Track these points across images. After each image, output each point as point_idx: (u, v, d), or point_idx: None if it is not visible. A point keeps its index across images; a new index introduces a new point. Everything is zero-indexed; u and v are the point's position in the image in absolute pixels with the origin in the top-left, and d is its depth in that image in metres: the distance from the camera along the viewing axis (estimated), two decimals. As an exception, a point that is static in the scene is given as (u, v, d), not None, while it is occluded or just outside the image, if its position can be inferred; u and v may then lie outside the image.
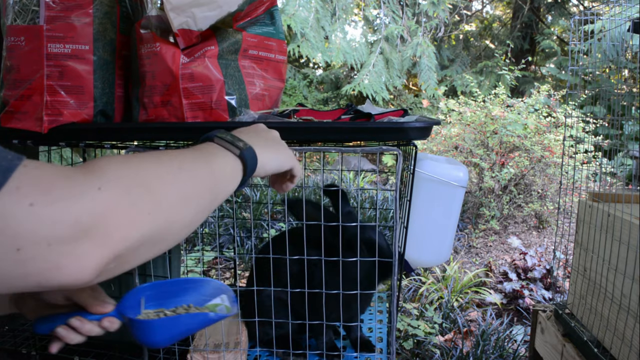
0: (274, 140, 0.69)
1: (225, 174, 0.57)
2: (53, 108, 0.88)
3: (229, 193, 0.58)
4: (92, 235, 0.38)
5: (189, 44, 0.88)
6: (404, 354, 2.15)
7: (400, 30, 5.86)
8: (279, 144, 0.69)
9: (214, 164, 0.56)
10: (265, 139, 0.67)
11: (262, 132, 0.69)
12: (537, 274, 2.95)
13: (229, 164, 0.58)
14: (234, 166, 0.58)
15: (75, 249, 0.37)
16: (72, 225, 0.37)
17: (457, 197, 1.13)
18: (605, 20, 1.65)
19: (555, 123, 4.20)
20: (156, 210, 0.44)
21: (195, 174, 0.51)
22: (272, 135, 0.69)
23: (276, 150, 0.67)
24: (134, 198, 0.42)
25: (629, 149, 3.74)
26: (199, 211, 0.52)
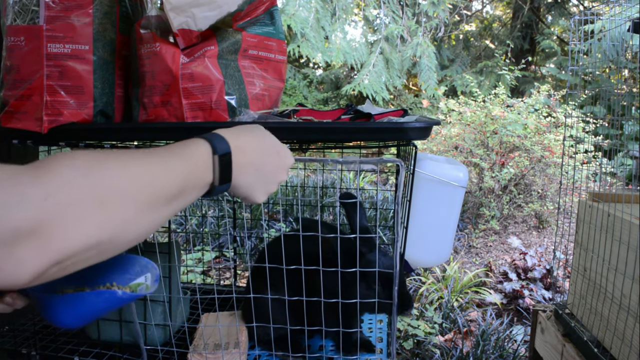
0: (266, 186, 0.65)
1: (196, 186, 0.55)
2: (53, 108, 0.88)
3: (196, 196, 0.56)
4: (32, 241, 0.38)
5: (188, 44, 0.88)
6: (404, 354, 2.15)
7: (400, 30, 5.86)
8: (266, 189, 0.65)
9: (190, 179, 0.53)
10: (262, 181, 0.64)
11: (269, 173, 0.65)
12: (537, 274, 2.95)
13: (205, 181, 0.56)
14: (207, 183, 0.56)
15: (14, 253, 0.37)
16: (13, 229, 0.37)
17: (457, 197, 1.13)
18: (605, 20, 1.65)
19: (555, 123, 4.20)
20: (106, 221, 0.43)
21: (164, 185, 0.49)
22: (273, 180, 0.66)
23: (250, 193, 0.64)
24: (83, 210, 0.41)
25: (629, 149, 3.74)
26: (157, 220, 0.50)
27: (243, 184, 0.62)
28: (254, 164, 0.62)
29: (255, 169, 0.62)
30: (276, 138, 0.68)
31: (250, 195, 0.64)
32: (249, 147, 0.62)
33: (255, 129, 0.67)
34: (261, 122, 0.85)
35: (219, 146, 0.57)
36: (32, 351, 1.04)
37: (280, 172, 0.67)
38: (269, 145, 0.66)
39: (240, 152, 0.59)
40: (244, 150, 0.60)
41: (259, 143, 0.64)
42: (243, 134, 0.62)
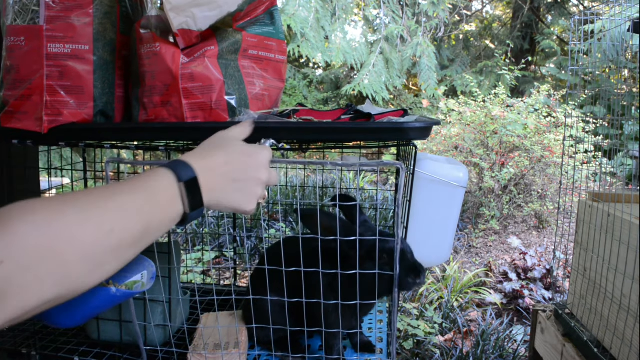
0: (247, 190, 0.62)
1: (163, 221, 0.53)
2: (53, 108, 0.88)
3: (167, 229, 0.54)
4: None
5: (188, 44, 0.88)
6: (404, 354, 2.15)
7: (400, 30, 5.86)
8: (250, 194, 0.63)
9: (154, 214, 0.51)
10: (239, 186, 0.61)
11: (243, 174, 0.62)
12: (537, 274, 2.95)
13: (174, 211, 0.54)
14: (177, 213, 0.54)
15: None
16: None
17: (457, 197, 1.13)
18: (605, 20, 1.65)
19: (555, 123, 4.20)
20: (66, 277, 0.42)
21: (125, 229, 0.48)
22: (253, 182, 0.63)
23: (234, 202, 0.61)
24: (41, 270, 0.40)
25: (629, 149, 3.74)
26: (123, 260, 0.49)
27: (224, 200, 0.60)
28: (226, 177, 0.60)
29: (230, 181, 0.60)
30: (241, 141, 0.66)
31: (236, 207, 0.62)
32: (215, 162, 0.59)
33: (217, 140, 0.65)
34: (261, 122, 0.85)
35: (182, 173, 0.54)
36: (32, 351, 1.04)
37: (259, 172, 0.64)
38: (237, 151, 0.63)
39: (208, 171, 0.57)
40: (212, 168, 0.58)
41: (226, 154, 0.62)
42: (207, 151, 0.61)
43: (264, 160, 0.65)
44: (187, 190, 0.54)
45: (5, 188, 1.22)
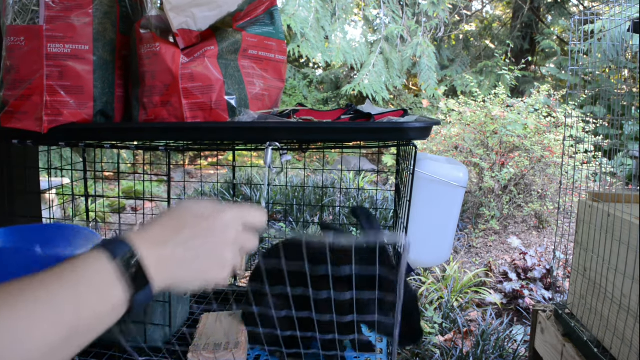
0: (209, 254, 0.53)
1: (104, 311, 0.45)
2: (53, 108, 0.88)
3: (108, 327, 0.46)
4: None
5: (188, 44, 0.88)
6: (404, 354, 2.15)
7: (400, 30, 5.86)
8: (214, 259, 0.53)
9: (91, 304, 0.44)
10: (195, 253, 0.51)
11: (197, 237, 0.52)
12: (537, 274, 2.95)
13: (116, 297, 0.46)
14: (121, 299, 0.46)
15: None
16: None
17: (457, 197, 1.13)
18: (605, 20, 1.65)
19: (555, 123, 4.20)
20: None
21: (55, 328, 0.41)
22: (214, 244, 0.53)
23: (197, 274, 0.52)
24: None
25: (629, 149, 3.74)
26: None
27: (183, 273, 0.51)
28: (179, 245, 0.51)
29: (184, 248, 0.51)
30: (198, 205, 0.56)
31: (203, 278, 0.53)
32: (161, 231, 0.51)
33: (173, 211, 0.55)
34: (261, 122, 0.85)
35: (116, 249, 0.47)
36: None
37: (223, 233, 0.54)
38: (188, 215, 0.53)
39: (151, 242, 0.50)
40: (156, 237, 0.50)
41: (175, 220, 0.53)
42: (151, 224, 0.52)
43: (228, 219, 0.55)
44: (125, 268, 0.46)
45: (5, 188, 1.22)
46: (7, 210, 1.25)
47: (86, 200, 1.36)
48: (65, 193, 1.29)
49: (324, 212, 3.86)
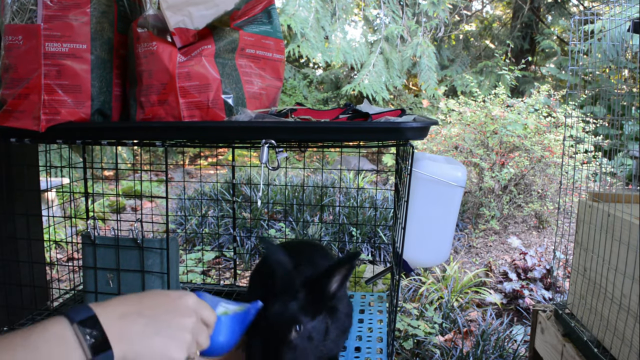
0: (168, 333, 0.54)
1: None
2: (50, 107, 0.88)
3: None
4: None
5: (185, 43, 0.88)
6: (404, 354, 2.15)
7: (400, 30, 5.86)
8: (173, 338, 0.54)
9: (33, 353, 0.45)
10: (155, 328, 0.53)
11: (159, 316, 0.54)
12: (537, 274, 2.94)
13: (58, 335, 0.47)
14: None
15: None
16: None
17: (456, 197, 1.12)
18: (605, 20, 1.65)
19: (555, 123, 4.19)
20: None
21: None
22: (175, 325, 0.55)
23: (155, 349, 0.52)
24: None
25: (629, 149, 3.73)
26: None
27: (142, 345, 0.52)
28: (140, 317, 0.53)
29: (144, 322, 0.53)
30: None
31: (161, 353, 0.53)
32: (123, 303, 0.54)
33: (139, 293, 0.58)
34: (257, 121, 0.85)
35: (76, 314, 0.49)
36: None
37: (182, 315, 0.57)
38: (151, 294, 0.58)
39: (112, 312, 0.51)
40: (118, 308, 0.52)
41: (138, 297, 0.56)
42: (119, 299, 0.55)
43: (189, 305, 0.58)
44: (84, 333, 0.47)
45: (4, 187, 1.21)
46: (6, 208, 1.24)
47: (86, 200, 1.36)
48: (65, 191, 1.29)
49: (324, 212, 3.86)
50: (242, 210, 3.86)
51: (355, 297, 1.37)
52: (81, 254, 1.11)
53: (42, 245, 1.39)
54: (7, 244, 1.25)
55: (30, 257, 1.24)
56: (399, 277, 1.02)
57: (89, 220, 1.11)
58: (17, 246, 1.25)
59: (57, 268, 2.42)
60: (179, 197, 3.80)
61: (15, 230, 1.26)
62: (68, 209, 2.95)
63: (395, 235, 1.10)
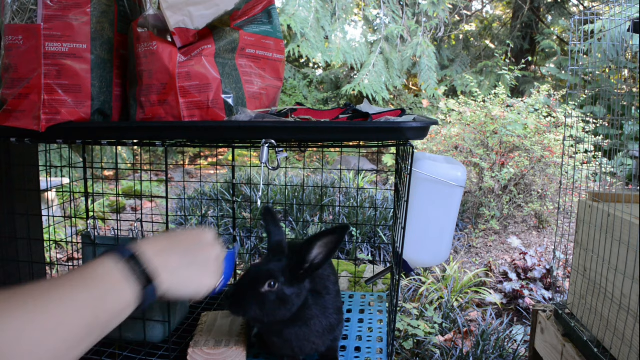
0: (198, 263, 0.62)
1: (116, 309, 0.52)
2: (50, 107, 0.88)
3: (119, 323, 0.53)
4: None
5: (185, 43, 0.88)
6: (404, 354, 2.15)
7: (400, 30, 5.86)
8: (205, 266, 0.63)
9: (105, 301, 0.51)
10: (187, 260, 0.60)
11: (185, 249, 0.62)
12: (537, 274, 2.95)
13: (126, 297, 0.53)
14: (130, 299, 0.53)
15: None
16: None
17: (456, 196, 1.12)
18: (605, 20, 1.65)
19: (555, 123, 4.19)
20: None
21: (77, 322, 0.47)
22: (199, 254, 0.63)
23: (192, 278, 0.61)
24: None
25: (629, 149, 3.73)
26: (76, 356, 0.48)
27: (181, 277, 0.59)
28: (176, 252, 0.60)
29: (180, 255, 0.60)
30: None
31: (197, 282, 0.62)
32: (160, 241, 0.60)
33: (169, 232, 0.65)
34: (257, 121, 0.85)
35: (123, 252, 0.55)
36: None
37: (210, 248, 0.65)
38: (179, 232, 0.65)
39: (153, 248, 0.58)
40: (156, 245, 0.59)
41: (169, 235, 0.63)
42: (155, 237, 0.62)
43: (210, 238, 0.67)
44: (132, 268, 0.54)
45: (4, 187, 1.21)
46: (6, 208, 1.24)
47: (86, 200, 1.36)
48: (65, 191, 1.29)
49: (324, 212, 3.86)
50: (242, 210, 3.87)
51: (355, 297, 1.37)
52: (81, 254, 1.11)
53: (42, 245, 1.39)
54: (7, 244, 1.25)
55: (30, 257, 1.24)
56: (399, 277, 1.02)
57: (89, 220, 1.11)
58: (17, 246, 1.25)
59: (57, 268, 2.42)
60: (179, 197, 3.80)
61: (15, 230, 1.26)
62: (68, 209, 2.95)
63: (395, 235, 1.10)
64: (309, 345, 0.91)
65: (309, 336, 0.89)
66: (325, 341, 0.93)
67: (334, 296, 0.96)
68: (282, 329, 0.88)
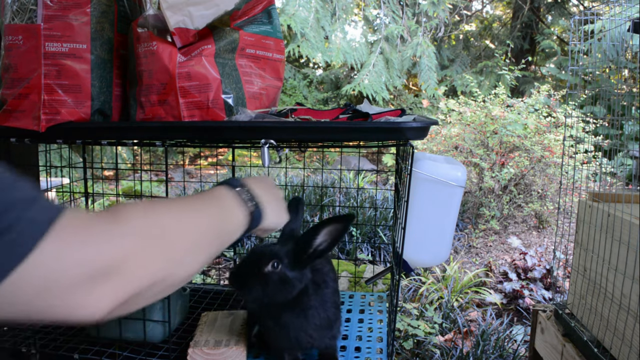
0: (279, 201, 0.75)
1: (232, 228, 0.63)
2: (50, 107, 0.88)
3: (231, 242, 0.62)
4: (111, 277, 0.42)
5: (185, 43, 0.88)
6: (404, 354, 2.15)
7: (400, 30, 5.86)
8: (282, 204, 0.76)
9: (225, 218, 0.62)
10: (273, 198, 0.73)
11: (271, 189, 0.74)
12: (537, 274, 2.95)
13: (239, 218, 0.64)
14: (241, 221, 0.64)
15: (94, 290, 0.41)
16: (100, 266, 0.42)
17: (456, 196, 1.12)
18: (605, 20, 1.65)
19: (555, 123, 4.19)
20: (169, 259, 0.49)
21: (207, 228, 0.57)
22: (279, 195, 0.76)
23: (278, 212, 0.73)
24: (151, 248, 0.47)
25: (629, 149, 3.73)
26: (205, 258, 0.56)
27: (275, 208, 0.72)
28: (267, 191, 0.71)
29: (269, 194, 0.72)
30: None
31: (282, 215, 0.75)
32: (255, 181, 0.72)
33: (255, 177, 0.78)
34: (257, 121, 0.85)
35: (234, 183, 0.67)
36: (31, 350, 1.04)
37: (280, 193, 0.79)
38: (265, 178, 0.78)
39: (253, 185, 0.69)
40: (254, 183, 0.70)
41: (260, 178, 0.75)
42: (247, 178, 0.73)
43: (274, 181, 0.81)
44: (242, 195, 0.66)
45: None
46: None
47: (86, 200, 1.36)
48: (65, 191, 1.29)
49: (324, 212, 3.86)
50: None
51: (355, 297, 1.37)
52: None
53: (42, 245, 1.39)
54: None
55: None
56: (399, 277, 1.02)
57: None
58: (17, 246, 1.25)
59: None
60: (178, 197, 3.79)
61: (15, 230, 1.26)
62: (68, 209, 2.95)
63: (395, 235, 1.10)
64: (305, 338, 0.91)
65: (306, 327, 0.90)
66: (323, 337, 0.93)
67: (332, 291, 0.96)
68: (280, 313, 0.89)
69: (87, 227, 0.43)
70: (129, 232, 0.46)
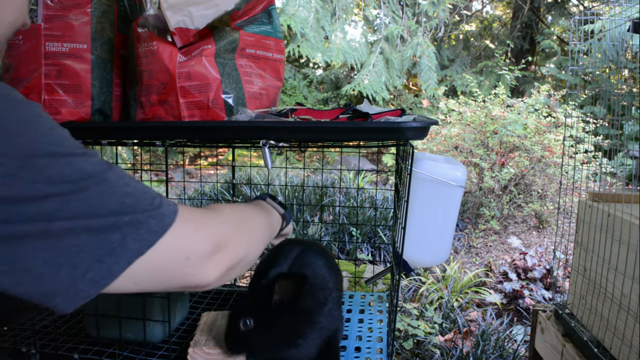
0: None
1: (274, 225, 0.82)
2: (51, 107, 0.88)
3: (272, 238, 0.83)
4: (220, 251, 0.57)
5: (186, 43, 0.88)
6: (404, 354, 2.15)
7: (400, 30, 5.86)
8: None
9: (271, 218, 0.82)
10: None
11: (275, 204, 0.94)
12: (537, 274, 2.95)
13: (278, 219, 0.84)
14: (279, 220, 0.85)
15: (212, 260, 0.56)
16: (214, 244, 0.56)
17: (456, 196, 1.12)
18: (605, 20, 1.65)
19: (555, 123, 4.19)
20: (249, 240, 0.66)
21: (265, 223, 0.77)
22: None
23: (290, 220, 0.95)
24: (240, 231, 0.64)
25: (629, 149, 3.73)
26: (264, 246, 0.74)
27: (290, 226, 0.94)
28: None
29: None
30: None
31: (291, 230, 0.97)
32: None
33: None
34: (257, 121, 0.85)
35: (262, 196, 0.88)
36: (31, 349, 1.04)
37: None
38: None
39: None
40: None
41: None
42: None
43: None
44: (273, 203, 0.87)
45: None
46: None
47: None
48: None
49: (324, 212, 3.86)
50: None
51: (355, 297, 1.37)
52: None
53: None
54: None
55: (30, 257, 1.24)
56: (399, 277, 1.02)
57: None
58: (17, 246, 1.25)
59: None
60: (179, 197, 3.80)
61: (15, 230, 1.25)
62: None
63: (395, 235, 1.10)
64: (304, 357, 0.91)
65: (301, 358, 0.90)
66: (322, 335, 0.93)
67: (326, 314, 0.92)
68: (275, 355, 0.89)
69: (199, 217, 0.56)
70: (226, 220, 0.62)
